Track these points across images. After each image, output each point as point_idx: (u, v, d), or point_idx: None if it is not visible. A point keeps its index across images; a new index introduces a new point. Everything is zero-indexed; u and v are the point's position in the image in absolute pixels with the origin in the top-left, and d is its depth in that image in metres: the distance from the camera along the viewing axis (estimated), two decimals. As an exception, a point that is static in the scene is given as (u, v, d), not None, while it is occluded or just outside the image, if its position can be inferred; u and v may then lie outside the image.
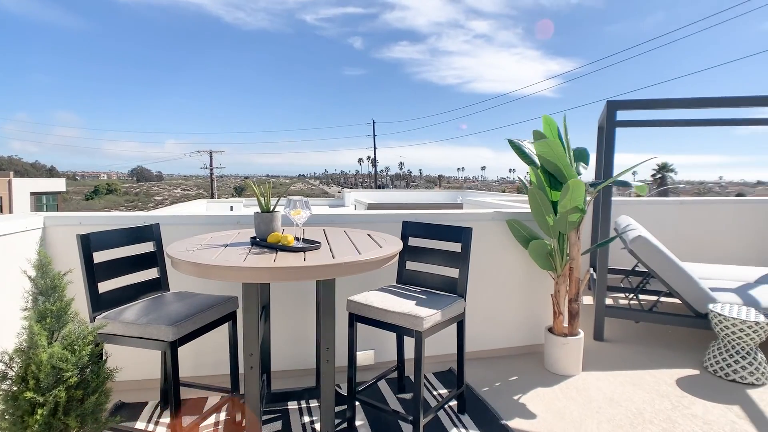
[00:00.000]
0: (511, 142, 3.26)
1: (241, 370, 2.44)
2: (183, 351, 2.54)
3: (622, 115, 3.54)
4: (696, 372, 3.07)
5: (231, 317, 2.29)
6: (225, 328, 2.33)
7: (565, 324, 3.06)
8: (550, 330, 3.07)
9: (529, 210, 3.24)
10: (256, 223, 2.14)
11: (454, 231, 2.51)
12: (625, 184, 3.19)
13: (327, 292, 1.90)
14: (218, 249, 1.94)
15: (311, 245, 1.98)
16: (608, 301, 4.49)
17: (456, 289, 2.45)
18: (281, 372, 2.88)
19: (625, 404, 2.64)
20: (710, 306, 3.14)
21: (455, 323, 2.41)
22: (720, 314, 2.99)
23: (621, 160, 3.15)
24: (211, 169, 38.67)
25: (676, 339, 3.66)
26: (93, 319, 2.01)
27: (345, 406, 2.40)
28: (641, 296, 4.38)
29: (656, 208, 5.66)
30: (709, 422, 2.45)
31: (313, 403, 2.56)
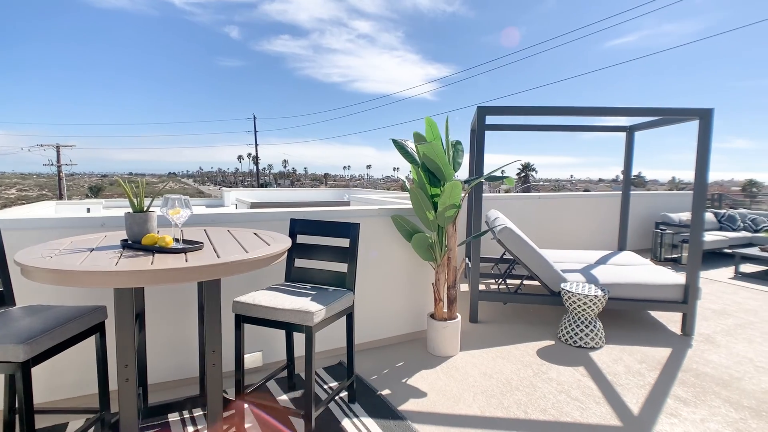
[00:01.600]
0: (395, 141, 3.43)
1: (113, 386, 2.23)
2: (33, 373, 2.24)
3: (491, 119, 3.93)
4: (552, 342, 3.55)
5: (98, 329, 2.07)
6: (87, 343, 2.09)
7: (445, 309, 3.32)
8: (432, 316, 3.30)
9: (412, 206, 3.45)
10: (127, 224, 1.96)
11: (342, 227, 2.57)
12: (497, 179, 3.55)
13: (212, 294, 1.83)
14: (83, 254, 1.74)
15: (193, 245, 1.88)
16: (481, 287, 4.97)
17: (345, 283, 2.52)
18: (159, 384, 2.68)
19: (496, 376, 2.96)
20: (562, 285, 3.65)
21: (345, 316, 2.47)
22: (569, 291, 3.50)
23: (492, 160, 3.51)
24: (59, 166, 33.66)
25: (536, 316, 4.18)
26: None
27: (233, 411, 2.32)
28: (508, 280, 4.91)
29: (520, 203, 6.38)
30: (561, 383, 2.87)
31: (198, 412, 2.43)
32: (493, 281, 5.12)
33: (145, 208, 2.01)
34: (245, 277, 2.81)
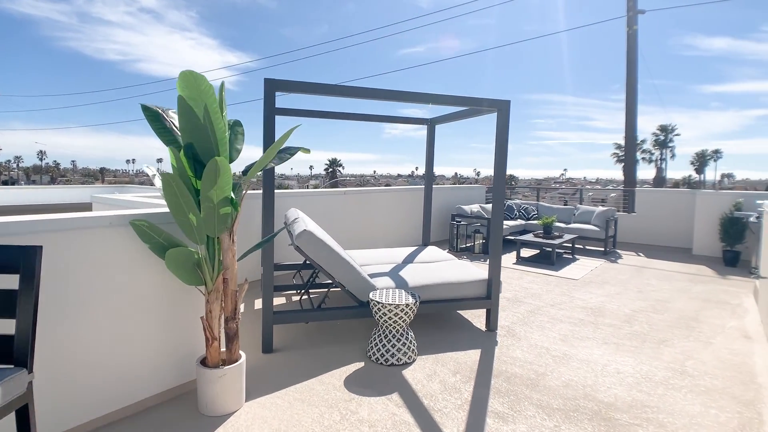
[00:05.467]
0: (145, 108, 2.36)
1: None
2: None
3: (286, 101, 3.16)
4: (362, 364, 2.99)
5: None
6: None
7: (223, 349, 2.43)
8: (204, 362, 2.36)
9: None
10: None
11: (4, 254, 1.45)
12: (289, 151, 2.77)
13: None
14: None
15: None
16: (281, 301, 4.18)
17: (12, 353, 1.41)
18: None
19: (293, 436, 2.21)
20: (371, 295, 3.12)
21: (13, 412, 1.37)
22: (378, 302, 2.99)
23: (297, 158, 2.76)
24: None
25: (344, 331, 3.60)
26: None
27: None
28: (312, 291, 4.25)
29: (325, 199, 5.81)
30: (374, 424, 2.29)
31: None
32: (295, 292, 4.38)
33: None
34: None
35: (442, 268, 3.91)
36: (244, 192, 2.40)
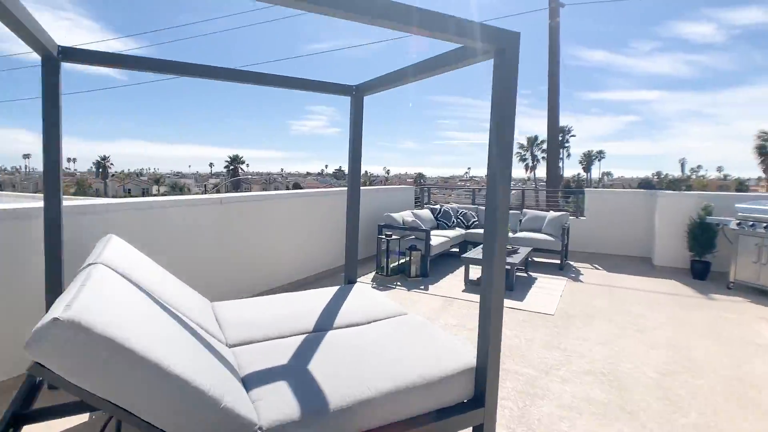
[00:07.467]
0: None
1: None
2: None
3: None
4: None
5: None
6: None
7: None
8: None
9: None
10: None
11: None
12: None
13: None
14: None
15: None
16: (81, 420, 2.06)
17: None
18: None
19: None
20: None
21: None
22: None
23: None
24: None
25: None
26: None
27: None
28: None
29: (186, 213, 3.73)
30: None
31: None
32: None
33: None
34: None
35: (388, 343, 2.14)
36: None
